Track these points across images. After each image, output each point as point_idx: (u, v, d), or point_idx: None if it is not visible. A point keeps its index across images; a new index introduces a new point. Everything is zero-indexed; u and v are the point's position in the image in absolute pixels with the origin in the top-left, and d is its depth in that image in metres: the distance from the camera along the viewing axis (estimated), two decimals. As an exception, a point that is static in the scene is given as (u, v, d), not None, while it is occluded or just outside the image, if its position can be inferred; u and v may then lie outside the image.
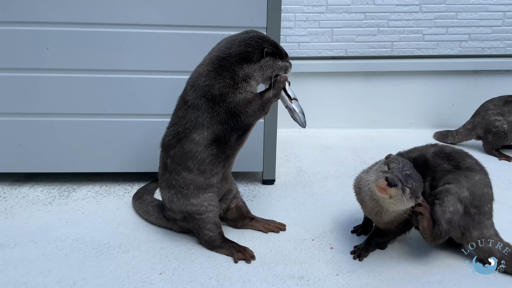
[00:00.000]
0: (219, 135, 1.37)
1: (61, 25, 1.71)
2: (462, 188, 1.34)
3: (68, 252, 1.43)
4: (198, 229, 1.45)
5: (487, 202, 1.37)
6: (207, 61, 1.39)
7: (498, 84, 2.75)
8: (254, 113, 1.39)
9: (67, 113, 1.81)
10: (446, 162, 1.39)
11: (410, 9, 2.62)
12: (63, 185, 1.91)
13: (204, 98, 1.35)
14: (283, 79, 1.42)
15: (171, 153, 1.41)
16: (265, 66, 1.38)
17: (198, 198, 1.43)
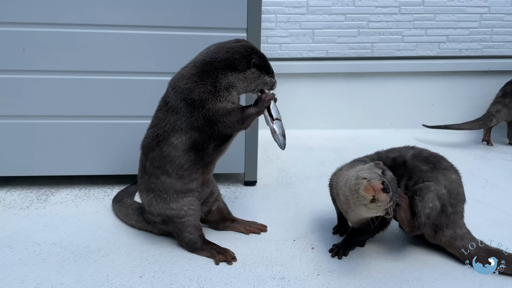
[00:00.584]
0: (197, 142, 1.35)
1: (38, 26, 1.68)
2: (441, 185, 1.37)
3: (46, 256, 1.40)
4: (178, 232, 1.44)
5: (461, 202, 1.41)
6: (192, 64, 1.36)
7: (475, 85, 2.81)
8: (232, 125, 1.35)
9: (45, 115, 1.78)
10: (424, 164, 1.41)
11: (390, 11, 2.66)
12: (41, 189, 1.88)
13: (183, 101, 1.32)
14: (269, 98, 1.37)
15: (150, 156, 1.39)
16: (250, 77, 1.35)
17: (178, 203, 1.41)
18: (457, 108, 2.84)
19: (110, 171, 1.88)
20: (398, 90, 2.79)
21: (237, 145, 1.89)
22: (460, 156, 2.40)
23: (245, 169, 1.95)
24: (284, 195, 1.88)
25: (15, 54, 1.70)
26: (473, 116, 2.85)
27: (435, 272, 1.35)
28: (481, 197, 1.88)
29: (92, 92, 1.77)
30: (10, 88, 1.73)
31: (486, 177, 2.11)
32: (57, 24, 1.69)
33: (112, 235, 1.54)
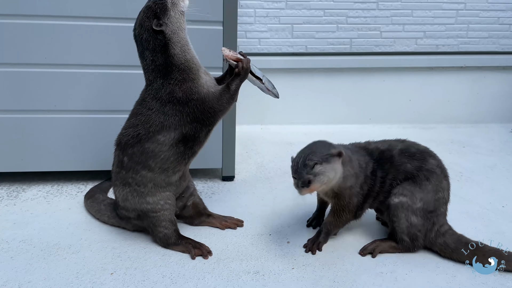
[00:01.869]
0: (188, 134, 1.34)
1: (6, 17, 1.63)
2: (415, 199, 1.39)
3: (14, 254, 1.36)
4: (153, 227, 1.41)
5: (442, 205, 1.42)
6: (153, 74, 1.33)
7: (452, 81, 2.84)
8: (224, 107, 1.37)
9: (15, 110, 1.73)
10: (410, 162, 1.41)
11: (368, 6, 2.67)
12: (12, 185, 1.83)
13: (170, 104, 1.32)
14: (247, 64, 1.36)
15: (129, 151, 1.36)
16: (174, 28, 1.29)
17: (155, 197, 1.39)
18: (434, 103, 2.87)
19: (84, 167, 1.84)
20: (376, 86, 2.80)
21: (214, 140, 1.87)
22: (436, 150, 2.38)
23: (223, 164, 1.93)
24: (261, 190, 1.87)
25: (-18, 46, 1.64)
26: (449, 111, 2.89)
27: (408, 264, 1.36)
28: (456, 190, 1.89)
29: (63, 86, 1.73)
30: (-23, 82, 1.68)
31: (461, 171, 2.14)
32: (26, 15, 1.64)
33: (84, 231, 1.50)
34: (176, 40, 1.30)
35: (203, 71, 1.38)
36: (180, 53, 1.31)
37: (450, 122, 2.89)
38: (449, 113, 2.89)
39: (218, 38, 1.76)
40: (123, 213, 1.46)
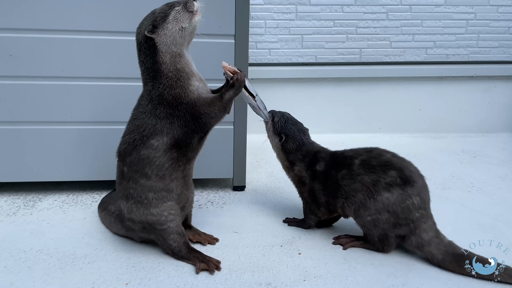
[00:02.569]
0: (180, 139, 1.36)
1: (25, 32, 1.68)
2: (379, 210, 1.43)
3: (32, 264, 1.39)
4: (162, 240, 1.43)
5: (414, 211, 1.41)
6: (145, 75, 1.38)
7: (463, 90, 2.84)
8: (215, 115, 1.38)
9: (32, 121, 1.77)
10: (368, 175, 1.45)
11: (378, 17, 2.68)
12: (29, 195, 1.87)
13: (161, 106, 1.35)
14: (242, 77, 1.39)
15: (128, 160, 1.39)
16: (166, 40, 1.32)
17: (158, 208, 1.40)
18: (444, 113, 2.87)
19: (98, 177, 1.87)
20: (386, 95, 2.82)
21: (225, 150, 1.90)
22: (447, 160, 2.43)
23: (234, 174, 1.95)
24: (272, 200, 1.89)
25: (2, 60, 1.69)
26: (459, 121, 2.89)
27: (420, 277, 1.37)
28: (467, 201, 1.91)
29: (79, 97, 1.77)
30: (-4, 94, 1.73)
31: (472, 181, 2.14)
32: (44, 30, 1.69)
33: (99, 241, 1.53)
34: (165, 50, 1.33)
35: (197, 79, 1.40)
36: (169, 62, 1.34)
37: (460, 132, 2.89)
38: (460, 123, 2.89)
39: (230, 51, 1.80)
40: (129, 225, 1.46)
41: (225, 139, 1.90)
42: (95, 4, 1.68)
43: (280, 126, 1.61)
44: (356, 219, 1.49)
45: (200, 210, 1.79)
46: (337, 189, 1.50)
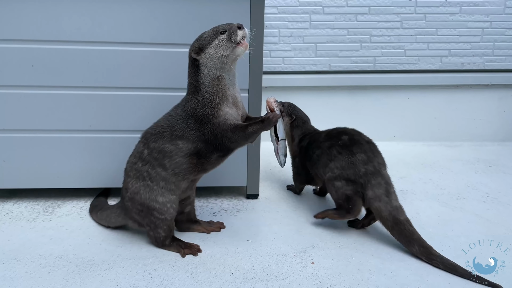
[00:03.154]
0: (202, 151, 1.47)
1: (47, 43, 1.73)
2: (334, 169, 1.66)
3: (51, 269, 1.43)
4: (154, 227, 1.53)
5: (359, 166, 1.62)
6: (188, 86, 1.50)
7: (478, 98, 2.83)
8: (236, 141, 1.46)
9: (52, 129, 1.82)
10: (327, 141, 1.75)
11: (392, 25, 2.69)
12: (48, 201, 1.92)
13: (192, 118, 1.45)
14: (275, 118, 1.47)
15: (151, 145, 1.49)
16: (207, 64, 1.43)
17: (164, 197, 1.50)
18: (459, 121, 2.86)
19: (115, 184, 1.91)
20: (401, 103, 2.81)
21: (239, 158, 1.93)
22: (461, 169, 2.41)
23: (247, 182, 1.97)
24: (285, 209, 1.91)
25: (24, 70, 1.75)
26: (475, 129, 2.87)
27: (433, 289, 1.37)
28: (482, 212, 1.89)
29: (98, 107, 1.82)
30: (19, 103, 1.78)
31: (488, 192, 2.12)
32: (65, 41, 1.74)
33: (116, 248, 1.57)
34: (206, 73, 1.45)
35: (229, 104, 1.47)
36: (208, 84, 1.45)
37: (476, 140, 2.87)
38: (475, 131, 2.87)
39: (244, 61, 1.82)
40: (128, 205, 1.56)
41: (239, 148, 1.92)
42: (114, 16, 1.73)
43: (290, 109, 2.00)
44: (327, 186, 1.72)
45: (214, 218, 1.81)
46: (310, 159, 1.82)
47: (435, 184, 2.20)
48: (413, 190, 2.12)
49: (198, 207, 1.90)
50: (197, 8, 1.75)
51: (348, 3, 2.63)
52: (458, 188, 2.16)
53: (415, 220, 1.79)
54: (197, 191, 1.99)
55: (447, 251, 1.55)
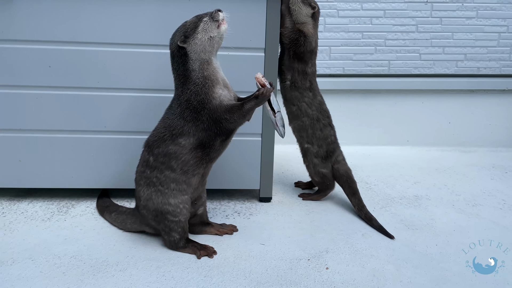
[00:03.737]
0: (204, 141, 1.48)
1: (64, 44, 1.75)
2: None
3: (66, 269, 1.44)
4: (168, 230, 1.54)
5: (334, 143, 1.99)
6: (175, 86, 1.50)
7: (494, 103, 2.79)
8: (235, 121, 1.47)
9: (68, 130, 1.84)
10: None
11: (407, 29, 2.67)
12: (62, 201, 1.93)
13: (188, 110, 1.46)
14: (268, 92, 1.47)
15: (155, 152, 1.50)
16: (196, 49, 1.43)
17: (176, 199, 1.51)
18: (474, 126, 2.82)
19: (129, 185, 1.91)
20: (415, 108, 2.79)
21: (253, 161, 1.92)
22: (477, 175, 2.38)
23: (261, 185, 1.97)
24: (298, 213, 1.90)
25: (41, 70, 1.76)
26: (491, 134, 2.83)
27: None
28: (498, 219, 1.86)
29: (114, 108, 1.83)
30: (36, 103, 1.80)
31: (504, 198, 2.09)
32: (81, 42, 1.75)
33: (130, 249, 1.57)
34: (196, 58, 1.45)
35: (221, 86, 1.49)
36: (198, 69, 1.45)
37: (491, 146, 2.84)
38: (490, 137, 2.83)
39: (259, 64, 1.82)
40: (143, 213, 1.58)
41: (253, 150, 1.92)
42: (129, 18, 1.74)
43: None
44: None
45: (227, 221, 1.81)
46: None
47: (450, 190, 2.18)
48: (428, 195, 2.10)
49: (211, 209, 1.90)
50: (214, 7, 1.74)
51: (363, 6, 2.62)
52: (473, 194, 2.13)
53: (430, 226, 1.78)
54: (210, 194, 2.00)
55: (463, 258, 1.53)
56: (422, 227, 1.78)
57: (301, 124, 1.94)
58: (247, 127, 1.66)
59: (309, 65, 1.92)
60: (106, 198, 1.90)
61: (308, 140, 1.95)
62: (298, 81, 1.90)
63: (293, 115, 1.95)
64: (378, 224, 1.76)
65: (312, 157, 1.95)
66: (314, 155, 1.95)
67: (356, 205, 1.88)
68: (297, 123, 1.95)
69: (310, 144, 1.95)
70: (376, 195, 2.09)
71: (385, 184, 2.24)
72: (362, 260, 1.53)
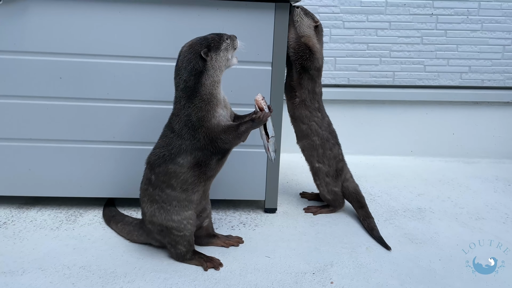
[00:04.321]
0: (201, 160, 1.48)
1: (75, 56, 1.78)
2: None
3: (75, 280, 1.46)
4: (174, 243, 1.56)
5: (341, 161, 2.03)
6: (178, 98, 1.48)
7: (498, 115, 2.81)
8: (230, 141, 1.48)
9: (77, 140, 1.87)
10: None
11: (412, 41, 2.69)
12: (70, 209, 1.96)
13: (186, 127, 1.46)
14: (265, 117, 1.48)
15: (156, 170, 1.52)
16: (214, 64, 1.44)
17: (179, 215, 1.53)
18: (478, 138, 2.84)
19: (137, 195, 1.94)
20: (419, 119, 2.81)
21: (259, 172, 1.95)
22: (480, 188, 2.40)
23: (266, 196, 1.99)
24: (303, 224, 1.92)
25: (52, 82, 1.79)
26: (495, 146, 2.85)
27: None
28: (501, 234, 1.88)
29: (122, 119, 1.86)
30: (46, 114, 1.83)
31: (507, 212, 2.10)
32: (92, 55, 1.78)
33: (138, 260, 1.60)
34: (211, 74, 1.44)
35: (222, 107, 1.50)
36: (209, 85, 1.45)
37: (494, 157, 2.85)
38: (494, 148, 2.85)
39: (266, 78, 1.85)
40: (149, 227, 1.61)
41: (259, 161, 1.94)
42: (139, 32, 1.76)
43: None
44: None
45: (233, 231, 1.83)
46: None
47: (453, 202, 2.19)
48: (432, 208, 2.12)
49: (216, 219, 1.92)
50: (222, 24, 1.77)
51: (368, 18, 2.64)
52: (477, 207, 2.14)
53: (434, 240, 1.79)
54: (216, 204, 2.02)
55: (466, 273, 1.55)
56: (426, 241, 1.80)
57: (311, 143, 1.95)
58: (253, 138, 1.68)
59: (317, 84, 1.95)
60: (113, 207, 1.93)
61: (319, 159, 1.97)
62: (307, 100, 1.92)
63: (303, 134, 1.97)
64: (379, 235, 1.80)
65: (324, 176, 1.97)
66: (325, 174, 1.97)
67: (362, 215, 1.93)
68: (307, 142, 1.97)
69: (321, 164, 1.97)
70: (380, 207, 2.11)
71: (389, 195, 2.26)
72: (366, 275, 1.55)
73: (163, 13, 1.75)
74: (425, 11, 2.65)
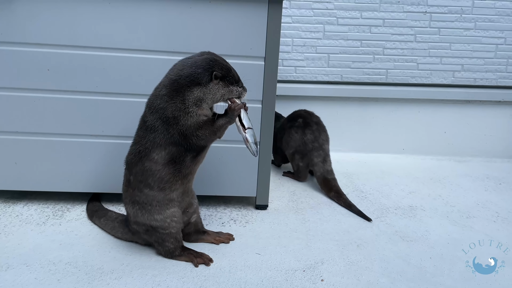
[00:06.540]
0: (175, 156, 1.44)
1: (63, 48, 1.74)
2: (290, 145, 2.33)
3: (61, 276, 1.43)
4: (161, 241, 1.54)
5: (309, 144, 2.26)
6: (162, 85, 1.44)
7: (490, 114, 2.81)
8: (205, 137, 1.44)
9: (65, 133, 1.83)
10: (288, 123, 2.36)
11: (405, 39, 2.68)
12: (57, 204, 1.92)
13: (159, 120, 1.42)
14: (238, 107, 1.45)
15: (133, 170, 1.49)
16: (214, 89, 1.41)
17: (161, 215, 1.50)
18: (470, 136, 2.85)
19: (125, 190, 1.91)
20: (411, 117, 2.81)
21: (250, 168, 1.92)
22: (471, 186, 2.40)
23: (257, 193, 1.97)
24: (294, 221, 1.90)
25: (39, 73, 1.75)
26: (486, 145, 2.85)
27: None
28: (492, 232, 1.88)
29: (112, 112, 1.82)
30: (33, 106, 1.79)
31: (497, 211, 2.11)
32: (81, 46, 1.74)
33: (125, 256, 1.57)
34: (204, 92, 1.40)
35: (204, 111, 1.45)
36: (195, 98, 1.40)
37: (485, 156, 2.86)
38: (485, 147, 2.86)
39: (259, 72, 1.82)
40: (135, 228, 1.58)
41: (250, 158, 1.92)
42: (129, 24, 1.73)
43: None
44: (289, 158, 2.38)
45: (224, 228, 1.81)
46: (275, 139, 2.32)
47: (444, 200, 2.19)
48: (423, 206, 2.11)
49: (207, 216, 1.90)
50: (214, 17, 1.75)
51: (362, 15, 2.63)
52: (467, 206, 2.14)
53: (425, 238, 1.79)
54: (206, 200, 2.00)
55: (457, 272, 1.54)
56: (417, 239, 1.79)
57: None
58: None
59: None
60: (96, 202, 1.89)
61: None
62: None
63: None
64: (357, 209, 1.99)
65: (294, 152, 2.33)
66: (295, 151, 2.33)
67: (335, 197, 2.12)
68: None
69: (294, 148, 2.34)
70: (372, 205, 2.10)
71: (380, 193, 2.25)
72: (357, 272, 1.54)
73: (154, 5, 1.72)
74: (419, 8, 2.64)
